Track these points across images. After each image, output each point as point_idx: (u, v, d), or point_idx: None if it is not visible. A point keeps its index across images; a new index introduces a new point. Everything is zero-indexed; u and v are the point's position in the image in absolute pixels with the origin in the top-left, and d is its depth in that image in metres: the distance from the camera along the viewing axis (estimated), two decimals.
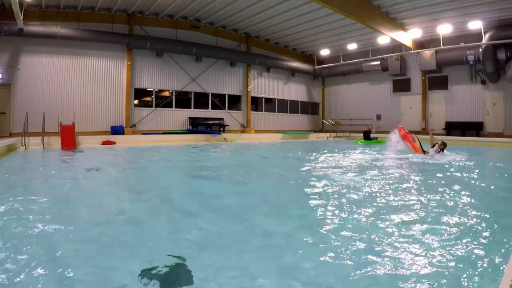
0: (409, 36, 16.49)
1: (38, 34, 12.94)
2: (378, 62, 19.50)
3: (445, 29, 15.29)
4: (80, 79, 14.33)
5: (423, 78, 18.49)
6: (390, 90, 20.23)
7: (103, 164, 7.90)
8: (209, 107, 18.28)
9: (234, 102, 19.54)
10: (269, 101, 21.19)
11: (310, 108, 23.63)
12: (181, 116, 17.24)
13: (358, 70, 20.68)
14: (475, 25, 14.40)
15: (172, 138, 15.22)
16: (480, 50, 15.20)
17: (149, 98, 16.94)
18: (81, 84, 14.35)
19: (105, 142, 12.88)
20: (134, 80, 15.70)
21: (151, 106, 16.51)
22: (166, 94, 17.50)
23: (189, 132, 16.34)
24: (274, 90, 21.23)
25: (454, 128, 16.97)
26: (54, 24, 13.33)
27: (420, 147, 9.58)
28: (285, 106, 21.95)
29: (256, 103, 20.56)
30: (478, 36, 14.78)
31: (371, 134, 15.97)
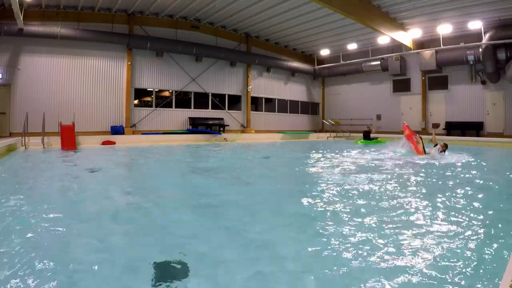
0: (409, 36, 16.49)
1: (38, 34, 12.93)
2: (378, 62, 19.50)
3: (445, 29, 15.29)
4: (80, 79, 14.33)
5: (423, 78, 18.49)
6: (390, 90, 20.23)
7: (103, 164, 7.89)
8: (209, 107, 18.28)
9: (234, 102, 19.54)
10: (269, 101, 21.19)
11: (310, 108, 23.63)
12: (181, 116, 17.24)
13: (358, 70, 20.68)
14: (475, 25, 14.40)
15: (172, 138, 15.22)
16: (480, 50, 15.20)
17: (149, 98, 16.94)
18: (81, 84, 14.35)
19: (105, 142, 12.88)
20: (134, 80, 15.70)
21: (151, 106, 16.51)
22: (166, 94, 17.49)
23: (189, 132, 16.34)
24: (274, 90, 21.23)
25: (454, 128, 16.98)
26: (54, 24, 13.32)
27: (423, 150, 9.41)
28: (285, 106, 21.95)
29: (256, 103, 20.55)
30: (478, 36, 14.78)
31: (371, 134, 15.98)
